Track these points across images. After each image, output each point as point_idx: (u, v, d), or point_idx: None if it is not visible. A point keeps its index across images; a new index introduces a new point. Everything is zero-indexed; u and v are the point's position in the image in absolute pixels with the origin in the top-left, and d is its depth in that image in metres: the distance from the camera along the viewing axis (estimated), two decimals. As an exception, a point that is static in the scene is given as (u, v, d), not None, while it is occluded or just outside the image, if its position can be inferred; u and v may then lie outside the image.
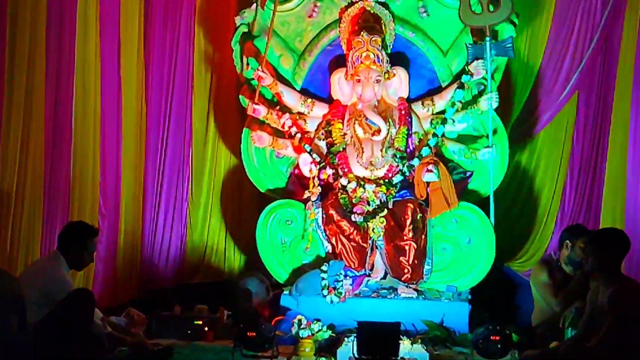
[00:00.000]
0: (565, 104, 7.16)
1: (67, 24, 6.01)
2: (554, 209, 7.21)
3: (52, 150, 5.84)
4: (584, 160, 7.17)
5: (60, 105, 5.94)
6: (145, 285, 7.22)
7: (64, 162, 5.99)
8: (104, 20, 6.55)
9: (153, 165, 7.38)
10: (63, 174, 5.98)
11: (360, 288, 6.34)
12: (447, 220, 6.56)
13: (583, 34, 7.06)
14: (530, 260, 7.05)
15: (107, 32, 6.60)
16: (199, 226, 7.50)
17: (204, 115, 7.53)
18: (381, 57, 6.58)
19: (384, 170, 6.57)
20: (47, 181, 5.76)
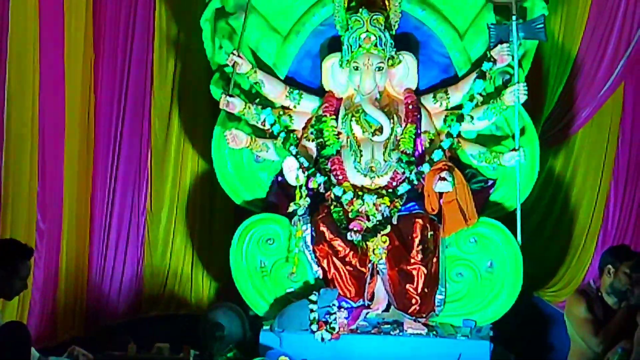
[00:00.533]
0: (609, 99, 7.20)
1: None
2: (595, 226, 7.26)
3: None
4: (632, 168, 7.21)
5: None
6: (93, 319, 7.20)
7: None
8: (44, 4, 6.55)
9: (103, 172, 7.37)
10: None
11: (358, 322, 6.36)
12: (464, 240, 6.60)
13: (631, 13, 7.09)
14: (565, 289, 7.10)
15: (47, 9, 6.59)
16: (160, 246, 7.51)
17: (166, 110, 7.54)
18: (384, 40, 6.61)
19: (387, 178, 6.60)
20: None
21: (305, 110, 6.88)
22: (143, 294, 7.43)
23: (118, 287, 7.36)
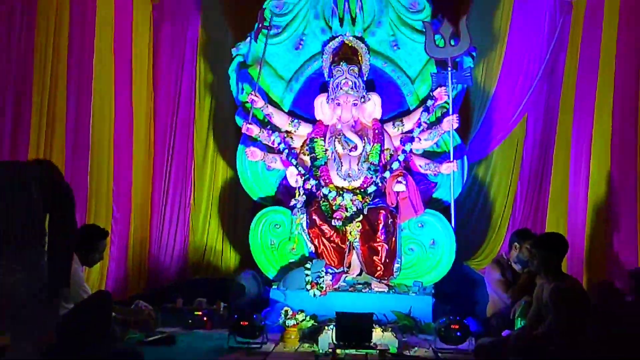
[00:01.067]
0: (516, 125, 7.19)
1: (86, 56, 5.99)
2: (506, 215, 7.22)
3: (72, 164, 5.80)
4: (532, 174, 7.18)
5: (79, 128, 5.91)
6: (152, 281, 7.18)
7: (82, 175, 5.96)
8: (117, 49, 6.52)
9: (160, 177, 7.37)
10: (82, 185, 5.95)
11: (339, 283, 6.32)
12: (414, 225, 6.56)
13: (532, 65, 7.13)
14: (485, 260, 7.04)
15: (120, 60, 6.58)
16: (200, 229, 7.47)
17: (204, 133, 7.52)
18: (358, 84, 6.61)
19: (360, 181, 6.57)
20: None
21: (302, 134, 6.83)
22: (188, 263, 7.39)
23: (170, 258, 7.34)
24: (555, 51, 7.03)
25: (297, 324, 5.52)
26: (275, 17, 6.91)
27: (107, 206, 6.41)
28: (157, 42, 7.34)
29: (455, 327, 5.15)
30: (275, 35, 6.94)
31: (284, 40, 7.01)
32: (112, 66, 6.46)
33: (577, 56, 6.75)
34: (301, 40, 7.00)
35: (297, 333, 5.45)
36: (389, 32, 6.91)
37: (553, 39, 7.04)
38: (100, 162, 6.27)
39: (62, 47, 5.59)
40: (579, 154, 6.57)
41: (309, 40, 6.99)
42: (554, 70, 7.09)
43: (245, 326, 5.15)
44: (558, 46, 7.02)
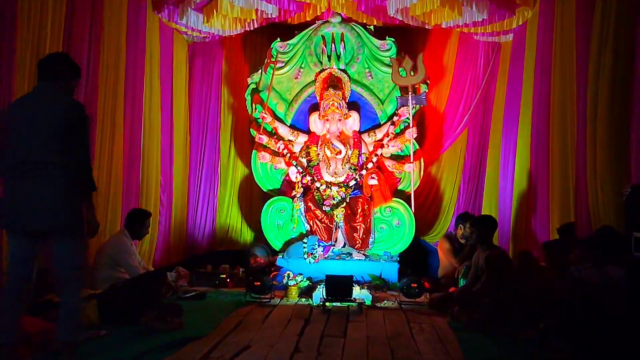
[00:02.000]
0: (460, 135, 7.19)
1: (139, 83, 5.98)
2: (453, 201, 7.21)
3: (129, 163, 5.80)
4: (472, 170, 7.19)
5: (134, 135, 5.91)
6: (189, 251, 7.17)
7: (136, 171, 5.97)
8: (163, 80, 6.52)
9: (194, 174, 7.35)
10: (135, 179, 5.94)
11: (328, 254, 6.33)
12: (384, 210, 6.57)
13: (471, 90, 7.14)
14: (437, 235, 7.04)
15: (164, 86, 6.58)
16: (224, 213, 7.41)
17: (228, 142, 7.47)
18: (342, 105, 6.61)
19: (344, 177, 6.59)
20: (124, 184, 5.71)
21: (300, 142, 6.81)
22: (215, 238, 7.36)
23: (202, 234, 7.29)
24: (489, 79, 7.06)
25: (297, 284, 5.56)
26: (280, 55, 6.88)
27: (155, 195, 6.40)
28: (191, 73, 7.32)
29: (414, 286, 5.19)
30: (280, 68, 6.90)
31: (287, 71, 6.98)
32: (158, 90, 6.45)
33: (505, 84, 6.81)
34: (299, 72, 6.98)
35: (297, 290, 5.48)
36: (365, 65, 6.90)
37: (487, 70, 7.06)
38: (149, 162, 6.25)
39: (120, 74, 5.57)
40: (507, 156, 6.62)
41: (305, 71, 6.98)
42: (488, 94, 7.10)
43: (258, 285, 5.18)
44: (491, 76, 7.05)
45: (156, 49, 6.38)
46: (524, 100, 6.23)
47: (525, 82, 6.21)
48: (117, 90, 5.52)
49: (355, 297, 5.00)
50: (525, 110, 6.18)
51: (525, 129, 6.15)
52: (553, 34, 5.52)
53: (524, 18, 6.20)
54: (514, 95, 6.48)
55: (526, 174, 6.09)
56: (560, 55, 5.30)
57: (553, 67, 5.47)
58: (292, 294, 5.42)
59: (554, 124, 5.44)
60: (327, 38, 6.87)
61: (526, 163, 6.09)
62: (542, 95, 5.73)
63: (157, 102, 6.44)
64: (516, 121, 6.39)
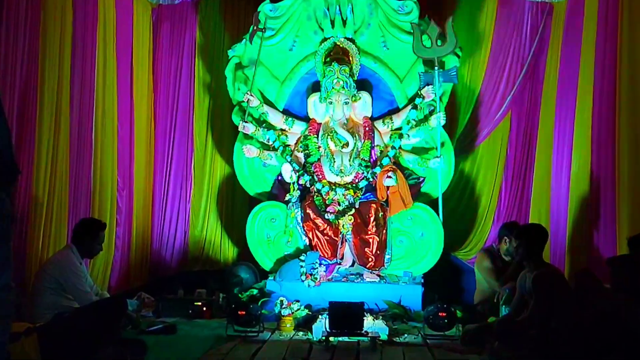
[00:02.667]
0: (501, 122, 7.21)
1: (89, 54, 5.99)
2: (492, 208, 7.23)
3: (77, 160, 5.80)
4: (516, 168, 7.20)
5: (83, 122, 5.91)
6: (154, 273, 7.19)
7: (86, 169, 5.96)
8: (119, 51, 6.54)
9: (160, 174, 7.38)
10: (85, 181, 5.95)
11: (333, 274, 6.34)
12: (403, 218, 6.57)
13: (515, 64, 7.13)
14: (472, 250, 7.08)
15: (121, 61, 6.60)
16: (199, 223, 7.45)
17: (203, 131, 7.51)
18: (349, 84, 6.63)
19: (352, 176, 6.60)
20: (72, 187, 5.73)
21: (296, 132, 6.84)
22: (188, 256, 7.39)
23: (171, 251, 7.34)
24: (537, 51, 7.05)
25: (292, 313, 5.55)
26: (269, 20, 6.91)
27: (111, 201, 6.42)
28: (156, 44, 7.35)
29: (442, 315, 5.17)
30: (269, 37, 6.93)
31: (278, 42, 7.01)
32: (114, 66, 6.48)
33: (558, 55, 6.78)
34: (294, 42, 7.00)
35: (292, 322, 5.48)
36: (379, 33, 6.92)
37: (535, 39, 7.05)
38: (104, 158, 6.28)
39: (65, 48, 5.59)
40: (561, 149, 6.60)
41: (302, 41, 7.00)
42: (536, 69, 7.11)
43: (243, 315, 5.18)
44: (540, 46, 7.04)
45: (111, 14, 6.41)
46: (582, 77, 6.24)
47: (584, 54, 6.21)
48: (61, 66, 5.53)
49: (367, 330, 5.00)
50: (584, 91, 6.18)
51: (584, 115, 6.15)
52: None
53: (583, -30, 6.22)
54: (570, 71, 6.48)
55: (586, 172, 6.09)
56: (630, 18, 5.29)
57: (620, 34, 5.46)
58: (287, 327, 5.42)
59: (621, 109, 5.44)
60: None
61: (586, 158, 6.09)
62: (607, 71, 5.73)
63: (113, 82, 6.46)
64: (573, 104, 6.39)
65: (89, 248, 5.03)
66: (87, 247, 5.02)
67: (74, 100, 5.74)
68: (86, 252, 5.05)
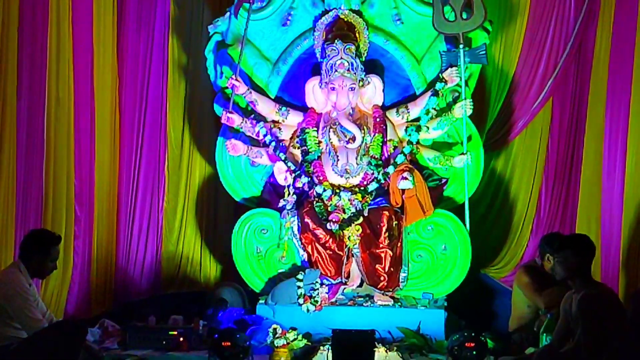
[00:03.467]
0: (540, 111, 7.21)
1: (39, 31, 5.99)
2: (530, 215, 7.25)
3: (25, 159, 5.81)
4: (559, 167, 7.22)
5: (32, 114, 5.92)
6: (120, 296, 7.19)
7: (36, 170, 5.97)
8: (77, 27, 6.53)
9: (127, 175, 7.38)
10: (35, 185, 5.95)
11: (337, 296, 6.36)
12: (422, 228, 6.58)
13: (557, 41, 7.13)
14: (506, 267, 7.10)
15: (79, 40, 6.58)
16: (174, 235, 7.48)
17: (179, 124, 7.53)
18: (355, 65, 6.61)
19: (359, 178, 6.58)
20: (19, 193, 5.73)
21: (291, 124, 6.84)
22: (161, 275, 7.39)
23: (140, 269, 7.35)
24: (583, 25, 7.04)
25: (288, 344, 5.54)
26: (259, -11, 6.95)
27: (68, 210, 6.42)
28: (121, 19, 7.32)
29: (470, 345, 5.16)
30: (259, 9, 6.94)
31: (270, 15, 7.02)
32: (70, 47, 6.46)
33: (610, 30, 6.79)
34: (289, 15, 7.00)
35: (288, 354, 5.47)
36: (391, 4, 6.92)
37: (581, 10, 7.04)
38: (58, 160, 6.28)
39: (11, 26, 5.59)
40: (614, 144, 6.61)
41: (298, 15, 7.01)
42: (582, 47, 7.11)
43: (228, 347, 5.15)
44: (587, 18, 7.03)
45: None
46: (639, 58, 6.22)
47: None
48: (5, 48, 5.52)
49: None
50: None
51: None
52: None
53: None
54: (624, 51, 6.49)
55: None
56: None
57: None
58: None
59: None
60: (332, -38, 6.92)
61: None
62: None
63: (69, 65, 6.45)
64: (628, 90, 6.40)
65: (39, 266, 5.02)
66: (38, 264, 5.00)
67: (21, 88, 5.74)
68: (36, 270, 5.03)
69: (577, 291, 4.62)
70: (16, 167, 5.67)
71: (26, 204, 5.81)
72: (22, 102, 5.75)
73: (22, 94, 5.74)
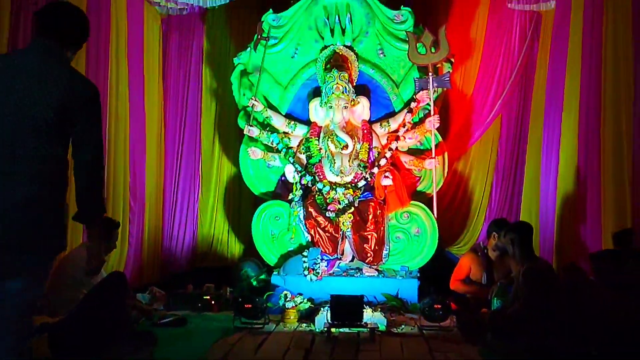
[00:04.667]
0: (491, 125, 7.21)
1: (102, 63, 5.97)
2: (484, 206, 7.25)
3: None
4: (506, 168, 7.22)
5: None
6: (165, 269, 7.19)
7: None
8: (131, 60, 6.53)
9: (170, 175, 7.39)
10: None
11: (334, 269, 6.32)
12: (400, 215, 6.56)
13: (505, 70, 7.15)
14: (465, 246, 7.06)
15: (133, 69, 6.58)
16: (207, 222, 7.47)
17: (211, 134, 7.52)
18: (348, 89, 6.58)
19: (351, 176, 6.55)
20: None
21: (298, 135, 6.82)
22: (196, 253, 7.40)
23: (180, 248, 7.35)
24: (526, 58, 7.07)
25: (296, 306, 5.54)
26: (272, 29, 6.90)
27: (124, 202, 6.42)
28: (165, 52, 7.35)
29: (438, 307, 5.17)
30: (273, 45, 6.92)
31: (281, 49, 7.00)
32: (126, 74, 6.46)
33: (546, 62, 6.78)
34: (296, 50, 6.99)
35: (296, 314, 5.47)
36: (376, 41, 6.90)
37: (524, 47, 7.06)
38: (117, 164, 6.27)
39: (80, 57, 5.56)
40: (549, 150, 6.59)
41: (304, 49, 6.98)
42: (525, 75, 7.12)
43: (249, 308, 5.17)
44: (529, 53, 7.06)
45: (123, 24, 6.40)
46: (569, 82, 6.22)
47: (571, 60, 6.18)
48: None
49: (366, 321, 5.00)
50: (571, 95, 6.16)
51: (571, 117, 6.13)
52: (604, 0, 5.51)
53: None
54: (558, 77, 6.47)
55: (573, 171, 6.07)
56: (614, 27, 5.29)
57: (604, 42, 5.46)
58: (291, 319, 5.41)
59: (606, 112, 5.44)
60: (329, 8, 6.88)
61: (573, 158, 6.07)
62: (592, 77, 5.72)
63: (125, 88, 6.45)
64: (560, 107, 6.37)
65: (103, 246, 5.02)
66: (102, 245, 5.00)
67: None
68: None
69: (521, 264, 4.62)
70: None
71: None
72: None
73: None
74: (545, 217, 6.52)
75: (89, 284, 4.74)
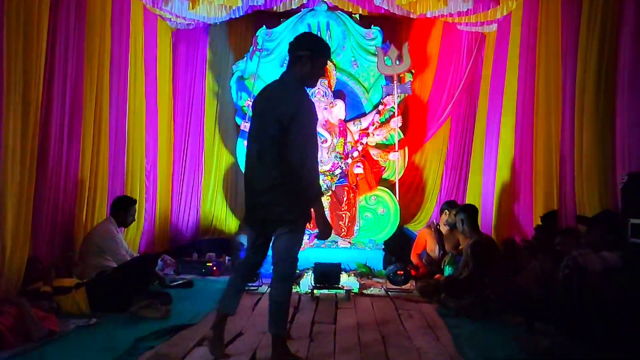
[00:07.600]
0: (443, 124, 7.22)
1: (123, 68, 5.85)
2: (436, 191, 7.26)
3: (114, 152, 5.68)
4: (455, 160, 7.24)
5: (119, 122, 5.79)
6: (173, 240, 7.11)
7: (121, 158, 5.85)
8: (147, 66, 6.42)
9: (178, 162, 7.27)
10: (120, 167, 5.84)
11: (314, 242, 6.33)
12: (369, 198, 6.60)
13: (454, 80, 7.18)
14: (421, 223, 7.07)
15: (148, 74, 6.47)
16: (208, 201, 7.36)
17: (212, 129, 7.41)
18: (327, 93, 6.60)
19: (329, 166, 6.56)
20: (110, 171, 5.61)
21: (286, 130, 6.78)
22: (200, 227, 7.31)
23: (186, 223, 7.24)
24: (472, 70, 7.09)
25: (284, 271, 5.51)
26: (265, 42, 6.84)
27: (140, 183, 6.31)
28: (175, 60, 7.21)
29: (400, 273, 5.21)
30: (266, 55, 6.87)
31: (273, 59, 6.95)
32: (142, 78, 6.35)
33: (489, 73, 6.82)
34: (285, 60, 6.89)
35: (284, 278, 5.44)
36: (351, 54, 6.89)
37: (470, 60, 7.08)
38: (134, 149, 6.16)
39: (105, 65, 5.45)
40: (490, 145, 6.63)
41: (291, 60, 6.92)
42: (472, 84, 7.14)
43: (245, 273, 5.13)
44: (474, 66, 7.08)
45: (140, 36, 6.28)
46: (507, 89, 6.25)
47: (509, 72, 6.23)
48: (102, 78, 5.40)
49: (343, 284, 5.00)
50: (509, 100, 6.20)
51: (509, 118, 6.18)
52: (538, 24, 5.54)
53: (508, 9, 6.22)
54: (498, 85, 6.50)
55: (509, 162, 6.11)
56: (546, 46, 5.32)
57: (538, 57, 5.48)
58: (280, 282, 5.38)
59: (538, 113, 5.47)
60: (312, 26, 6.83)
61: (509, 151, 6.11)
62: (527, 85, 5.75)
63: (141, 89, 6.34)
64: (500, 111, 6.41)
65: (123, 219, 4.97)
66: (122, 218, 4.95)
67: (112, 104, 5.62)
68: (122, 222, 4.98)
69: (469, 238, 4.66)
70: (108, 156, 5.55)
71: (114, 180, 5.69)
72: (112, 114, 5.61)
73: (112, 109, 5.61)
74: (486, 200, 6.57)
75: (112, 253, 4.68)
